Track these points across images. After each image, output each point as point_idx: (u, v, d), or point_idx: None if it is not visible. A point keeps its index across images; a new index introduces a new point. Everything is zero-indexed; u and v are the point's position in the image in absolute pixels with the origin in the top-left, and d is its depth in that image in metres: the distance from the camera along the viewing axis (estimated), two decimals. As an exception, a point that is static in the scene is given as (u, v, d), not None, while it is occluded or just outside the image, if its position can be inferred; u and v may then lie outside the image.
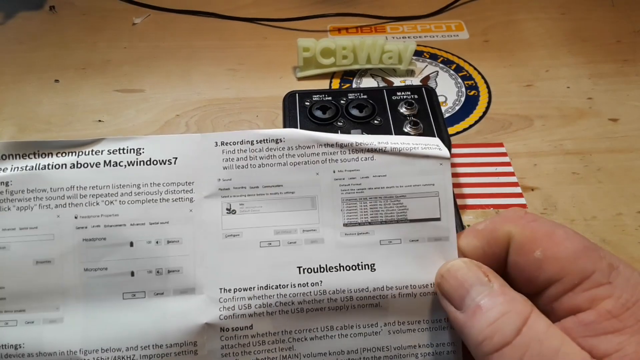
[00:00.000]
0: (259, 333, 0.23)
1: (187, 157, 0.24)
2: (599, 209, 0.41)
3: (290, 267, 0.24)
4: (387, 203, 0.24)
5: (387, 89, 0.44)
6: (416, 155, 0.24)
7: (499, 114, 0.49)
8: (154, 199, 0.24)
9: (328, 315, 0.24)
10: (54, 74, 0.53)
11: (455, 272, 0.22)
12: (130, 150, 0.24)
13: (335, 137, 0.24)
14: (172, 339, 0.23)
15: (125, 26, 0.60)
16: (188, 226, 0.24)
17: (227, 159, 0.24)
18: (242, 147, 0.24)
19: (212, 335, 0.23)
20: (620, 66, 0.54)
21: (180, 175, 0.24)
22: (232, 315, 0.23)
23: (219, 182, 0.24)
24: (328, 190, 0.24)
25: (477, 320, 0.20)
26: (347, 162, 0.24)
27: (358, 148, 0.24)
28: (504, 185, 0.43)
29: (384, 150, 0.24)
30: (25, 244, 0.23)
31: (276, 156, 0.24)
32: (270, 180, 0.24)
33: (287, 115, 0.42)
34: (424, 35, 0.59)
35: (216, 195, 0.24)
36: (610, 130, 0.47)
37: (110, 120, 0.49)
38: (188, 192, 0.24)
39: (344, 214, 0.24)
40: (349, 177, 0.24)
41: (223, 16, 0.60)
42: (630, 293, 0.19)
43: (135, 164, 0.24)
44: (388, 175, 0.24)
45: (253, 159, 0.24)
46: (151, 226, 0.24)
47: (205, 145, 0.24)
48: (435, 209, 0.24)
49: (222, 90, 0.52)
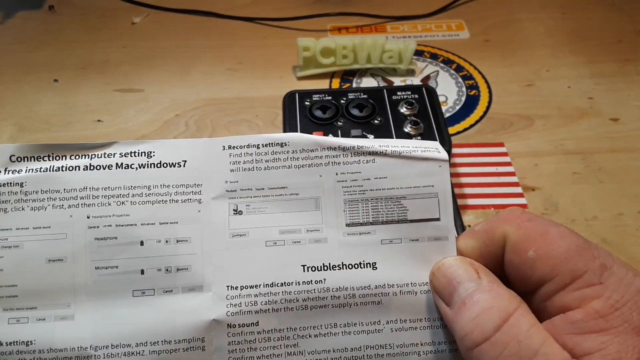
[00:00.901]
0: (264, 329, 0.24)
1: (195, 160, 0.25)
2: (600, 209, 0.41)
3: (295, 266, 0.24)
4: (387, 204, 0.25)
5: (387, 88, 0.44)
6: (416, 157, 0.25)
7: (499, 113, 0.49)
8: (164, 199, 0.25)
9: (332, 312, 0.24)
10: (53, 74, 0.53)
11: (446, 269, 0.23)
12: (142, 153, 0.25)
13: (338, 141, 0.25)
14: (180, 335, 0.24)
15: (125, 26, 0.60)
16: (196, 226, 0.25)
17: (234, 162, 0.25)
18: (248, 151, 0.25)
19: (219, 332, 0.24)
20: (621, 66, 0.53)
21: (189, 178, 0.25)
22: (239, 312, 0.24)
23: (226, 184, 0.25)
24: (331, 191, 0.25)
25: (461, 315, 0.21)
26: (349, 164, 0.25)
27: (360, 151, 0.25)
28: (504, 185, 0.43)
29: (385, 153, 0.25)
30: (39, 243, 0.24)
31: (281, 159, 0.25)
32: (276, 182, 0.25)
33: (287, 115, 0.42)
34: (424, 34, 0.58)
35: (223, 197, 0.25)
36: (611, 130, 0.47)
37: (109, 120, 0.49)
38: (196, 193, 0.25)
39: (347, 215, 0.25)
40: (351, 179, 0.25)
41: (222, 15, 0.60)
42: (621, 294, 0.19)
43: (146, 167, 0.25)
44: (389, 177, 0.25)
45: (259, 162, 0.25)
46: (161, 226, 0.24)
47: (213, 149, 0.25)
48: (435, 210, 0.25)
49: (221, 90, 0.52)
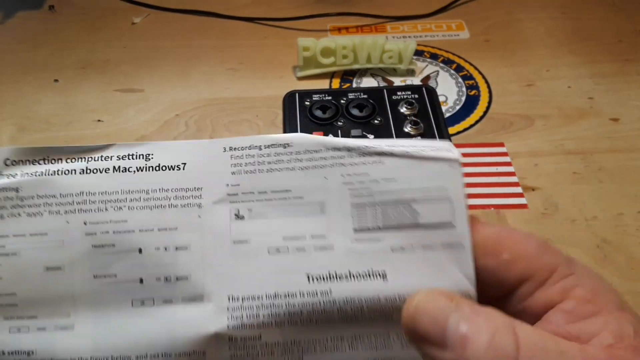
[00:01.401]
0: (267, 343, 0.23)
1: (195, 163, 0.24)
2: (600, 209, 0.41)
3: (299, 275, 0.23)
4: (397, 208, 0.23)
5: (387, 88, 0.44)
6: (426, 157, 0.23)
7: (499, 113, 0.49)
8: (163, 204, 0.24)
9: (338, 325, 0.23)
10: (53, 74, 0.53)
11: (425, 309, 0.20)
12: (139, 156, 0.24)
13: (343, 141, 0.24)
14: (181, 348, 0.23)
15: (125, 25, 0.60)
16: (196, 233, 0.23)
17: (235, 164, 0.24)
18: (250, 152, 0.24)
19: (220, 345, 0.23)
20: (621, 66, 0.53)
21: (189, 181, 0.24)
22: (241, 325, 0.23)
23: (227, 187, 0.24)
24: (337, 194, 0.23)
25: (471, 350, 0.18)
26: (355, 165, 0.23)
27: (366, 151, 0.23)
28: (504, 185, 0.43)
29: (393, 154, 0.23)
30: (36, 250, 0.23)
31: (284, 161, 0.24)
32: (279, 185, 0.24)
33: (287, 115, 0.42)
34: (424, 34, 0.58)
35: (224, 201, 0.24)
36: (611, 130, 0.47)
37: (109, 120, 0.49)
38: (197, 197, 0.24)
39: (354, 219, 0.23)
40: (357, 181, 0.23)
41: (223, 15, 0.60)
42: (591, 279, 0.21)
43: (144, 170, 0.24)
44: (397, 179, 0.23)
45: (261, 164, 0.24)
46: (160, 232, 0.23)
47: (213, 150, 0.24)
48: (447, 214, 0.23)
49: (221, 90, 0.52)
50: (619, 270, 0.37)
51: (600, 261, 0.37)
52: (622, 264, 0.37)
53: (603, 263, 0.37)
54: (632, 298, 0.35)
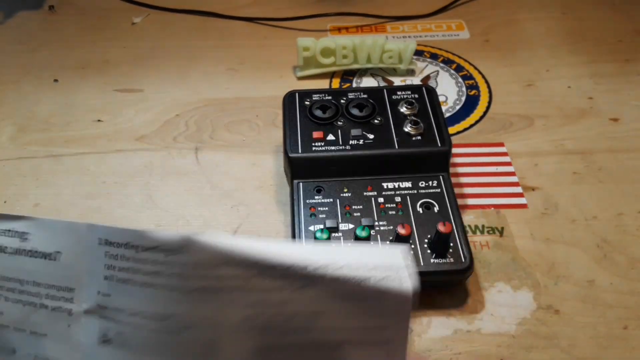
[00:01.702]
0: None
1: (69, 254, 0.22)
2: (600, 208, 0.41)
3: None
4: (317, 355, 0.18)
5: (387, 88, 0.44)
6: (367, 289, 0.17)
7: (499, 113, 0.49)
8: (34, 302, 0.22)
9: None
10: (53, 74, 0.53)
11: None
12: (16, 233, 0.22)
13: (257, 255, 0.17)
14: None
15: (125, 26, 0.60)
16: (66, 345, 0.22)
17: (109, 265, 0.20)
18: (125, 253, 0.20)
19: None
20: (621, 66, 0.53)
21: (62, 278, 0.22)
22: None
23: (98, 295, 0.21)
24: (234, 332, 0.18)
25: None
26: (268, 292, 0.17)
27: (287, 273, 0.17)
28: (504, 185, 0.43)
29: (324, 279, 0.17)
30: None
31: (165, 274, 0.18)
32: (155, 308, 0.19)
33: (287, 115, 0.42)
34: (424, 34, 0.58)
35: (94, 313, 0.21)
36: (611, 130, 0.47)
37: (109, 120, 0.49)
38: (68, 300, 0.22)
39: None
40: (268, 315, 0.17)
41: (223, 16, 0.60)
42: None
43: (19, 253, 0.22)
44: (326, 312, 0.17)
45: (136, 273, 0.19)
46: (31, 336, 0.22)
47: (89, 241, 0.21)
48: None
49: (221, 90, 0.52)
50: (619, 270, 0.37)
51: (600, 261, 0.37)
52: (622, 264, 0.37)
53: (603, 263, 0.37)
54: (632, 298, 0.35)
